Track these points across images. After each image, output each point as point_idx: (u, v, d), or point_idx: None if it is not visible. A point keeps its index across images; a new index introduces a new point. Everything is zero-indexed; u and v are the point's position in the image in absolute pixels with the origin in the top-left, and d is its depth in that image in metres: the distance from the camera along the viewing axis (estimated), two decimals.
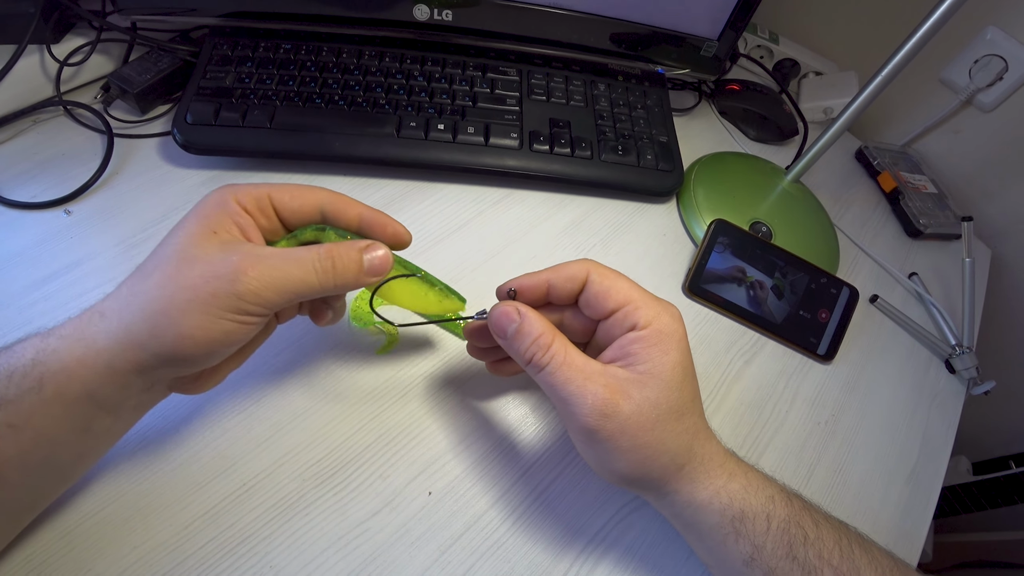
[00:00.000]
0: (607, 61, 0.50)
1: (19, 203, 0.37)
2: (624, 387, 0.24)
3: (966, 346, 0.46)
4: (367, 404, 0.33)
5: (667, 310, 0.26)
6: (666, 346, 0.25)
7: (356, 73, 0.44)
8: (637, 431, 0.24)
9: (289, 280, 0.23)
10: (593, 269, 0.27)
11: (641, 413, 0.24)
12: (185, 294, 0.21)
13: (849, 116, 0.44)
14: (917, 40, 0.39)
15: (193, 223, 0.23)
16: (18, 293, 0.33)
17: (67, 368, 0.21)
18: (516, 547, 0.30)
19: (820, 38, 0.66)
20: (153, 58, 0.44)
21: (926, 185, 0.60)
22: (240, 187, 0.25)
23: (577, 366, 0.25)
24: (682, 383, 0.25)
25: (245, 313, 0.22)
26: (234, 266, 0.22)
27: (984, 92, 0.58)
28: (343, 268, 0.24)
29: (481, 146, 0.43)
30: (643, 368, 0.25)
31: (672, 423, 0.25)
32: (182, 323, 0.21)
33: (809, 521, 0.26)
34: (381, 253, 0.25)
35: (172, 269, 0.22)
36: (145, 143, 0.42)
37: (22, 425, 0.21)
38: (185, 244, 0.23)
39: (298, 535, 0.28)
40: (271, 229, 0.26)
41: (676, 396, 0.25)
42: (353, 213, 0.27)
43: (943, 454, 0.42)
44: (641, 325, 0.26)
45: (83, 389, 0.22)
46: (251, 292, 0.22)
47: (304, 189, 0.26)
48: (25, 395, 0.21)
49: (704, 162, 0.51)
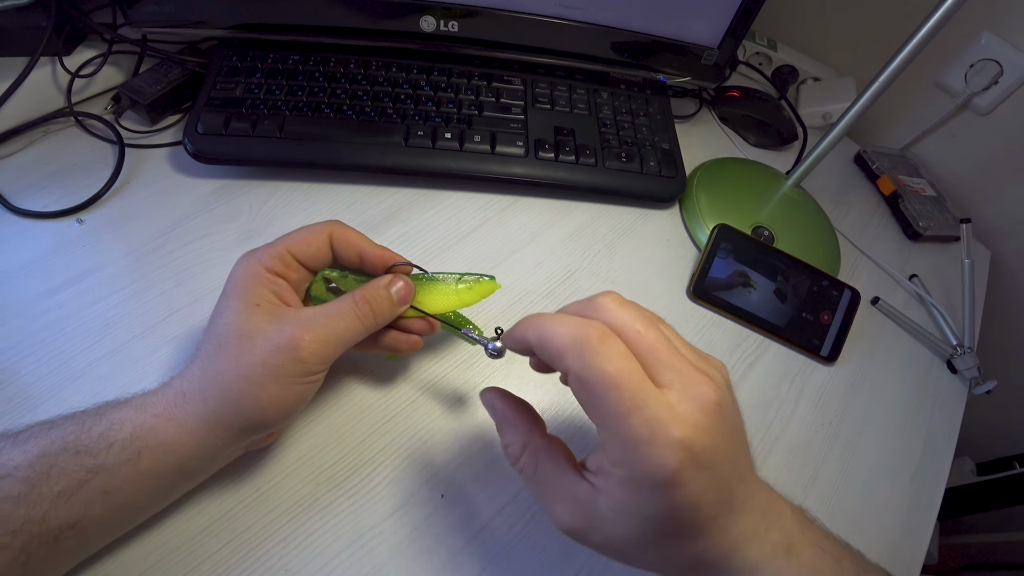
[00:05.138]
0: (610, 70, 0.51)
1: (32, 212, 0.37)
2: (591, 519, 0.21)
3: (967, 346, 0.47)
4: (380, 408, 0.33)
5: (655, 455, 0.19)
6: (641, 498, 0.19)
7: (364, 83, 0.45)
8: (610, 555, 0.22)
9: (339, 333, 0.26)
10: (572, 367, 0.20)
11: (611, 545, 0.22)
12: (257, 370, 0.24)
13: (848, 121, 0.45)
14: (914, 45, 0.40)
15: (236, 300, 0.26)
16: (31, 302, 0.34)
17: (163, 445, 0.24)
18: (529, 549, 0.30)
19: (817, 44, 0.67)
20: (163, 69, 0.45)
21: (925, 188, 0.60)
22: (261, 253, 0.27)
23: (547, 483, 0.22)
24: (662, 532, 0.20)
25: (311, 374, 0.25)
26: (290, 336, 0.24)
27: (980, 96, 0.58)
28: (380, 308, 0.27)
29: (487, 154, 0.44)
30: (613, 506, 0.20)
31: (653, 552, 0.21)
32: (262, 397, 0.24)
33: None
34: (401, 284, 0.29)
35: (236, 349, 0.24)
36: (155, 153, 0.43)
37: (115, 492, 0.23)
38: (238, 322, 0.25)
39: (313, 538, 0.28)
40: (300, 279, 0.29)
41: (654, 537, 0.21)
42: (355, 251, 0.29)
43: (947, 454, 0.42)
44: (609, 463, 0.20)
45: (176, 463, 0.24)
46: (312, 355, 0.25)
47: (313, 231, 0.29)
48: (123, 465, 0.23)
49: (706, 168, 0.52)
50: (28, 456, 0.22)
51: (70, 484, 0.22)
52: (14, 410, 0.30)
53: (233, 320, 0.25)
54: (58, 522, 0.22)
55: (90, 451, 0.23)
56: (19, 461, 0.22)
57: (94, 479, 0.22)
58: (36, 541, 0.21)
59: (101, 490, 0.22)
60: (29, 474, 0.21)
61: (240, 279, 0.27)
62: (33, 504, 0.21)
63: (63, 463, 0.22)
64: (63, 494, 0.22)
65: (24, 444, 0.22)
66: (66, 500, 0.22)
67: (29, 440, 0.23)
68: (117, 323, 0.34)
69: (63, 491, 0.22)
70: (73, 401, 0.30)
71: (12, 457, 0.22)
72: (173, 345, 0.33)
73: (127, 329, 0.34)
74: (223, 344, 0.25)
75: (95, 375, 0.32)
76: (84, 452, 0.23)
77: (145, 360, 0.33)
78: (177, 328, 0.34)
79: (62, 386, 0.31)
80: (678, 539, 0.21)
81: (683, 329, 0.42)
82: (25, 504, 0.21)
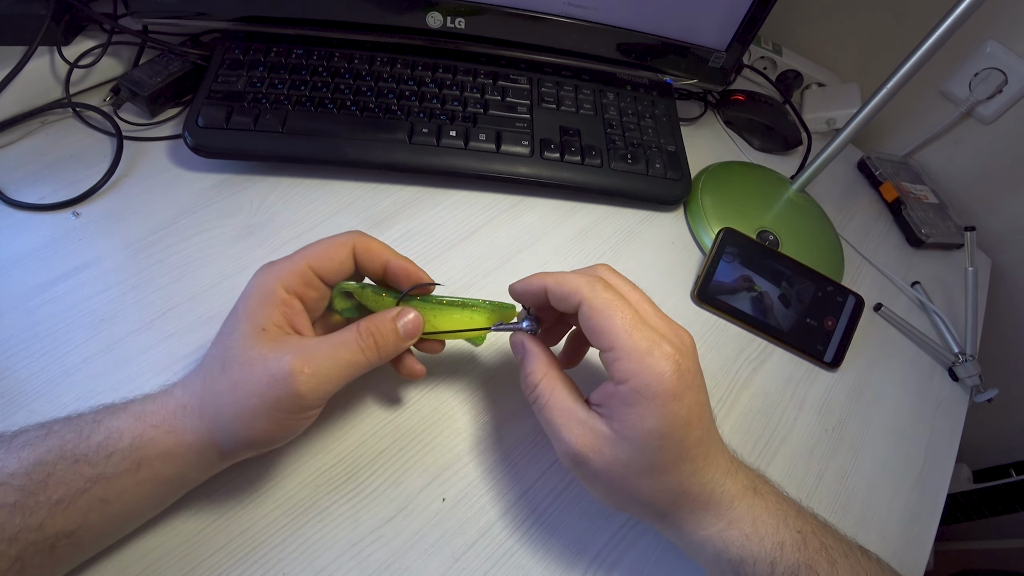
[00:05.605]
0: (616, 70, 0.51)
1: (27, 204, 0.37)
2: (596, 443, 0.24)
3: (969, 354, 0.47)
4: (380, 410, 0.33)
5: (655, 364, 0.23)
6: (643, 409, 0.23)
7: (368, 79, 0.44)
8: (608, 482, 0.25)
9: (340, 367, 0.25)
10: (586, 298, 0.25)
11: (611, 470, 0.24)
12: (253, 401, 0.24)
13: (854, 128, 0.45)
14: (922, 54, 0.40)
15: (245, 322, 0.25)
16: (25, 295, 0.33)
17: (162, 456, 0.24)
18: (530, 554, 0.30)
19: (822, 50, 0.67)
20: (163, 61, 0.44)
21: (927, 195, 0.60)
22: (282, 269, 0.26)
23: (559, 409, 0.26)
24: (659, 447, 0.23)
25: (306, 409, 0.25)
26: (289, 366, 0.24)
27: (984, 104, 0.58)
28: (384, 342, 0.26)
29: (493, 153, 0.43)
30: (617, 427, 0.24)
31: (646, 480, 0.24)
32: (254, 427, 0.24)
33: (825, 564, 0.25)
34: (411, 316, 0.27)
35: (237, 375, 0.24)
36: (154, 146, 0.42)
37: (113, 500, 0.23)
38: (242, 347, 0.25)
39: (311, 541, 0.28)
40: (318, 297, 0.28)
41: (651, 458, 0.24)
42: (380, 261, 0.28)
43: (948, 461, 0.42)
44: (618, 380, 0.24)
45: (175, 473, 0.24)
46: (310, 390, 0.24)
47: (335, 243, 0.28)
48: (122, 475, 0.23)
49: (711, 171, 0.52)
50: (24, 464, 0.22)
51: (68, 493, 0.22)
52: (6, 406, 0.29)
53: (239, 344, 0.25)
54: (55, 530, 0.21)
55: (89, 460, 0.22)
56: (14, 468, 0.21)
57: (93, 488, 0.22)
58: (32, 549, 0.21)
59: (100, 499, 0.22)
60: (25, 482, 0.21)
61: (252, 297, 0.26)
62: (30, 512, 0.21)
63: (61, 471, 0.22)
64: (61, 502, 0.21)
65: (19, 451, 0.22)
66: (64, 508, 0.22)
67: (24, 447, 0.22)
68: (113, 319, 0.33)
69: (61, 499, 0.21)
70: (67, 398, 0.30)
71: (7, 464, 0.21)
72: (170, 342, 0.33)
73: (123, 325, 0.33)
74: (226, 367, 0.25)
75: (90, 371, 0.31)
76: (83, 461, 0.22)
77: (141, 357, 0.32)
78: (174, 325, 0.33)
79: (56, 382, 0.30)
80: (670, 460, 0.24)
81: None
82: (21, 512, 0.21)
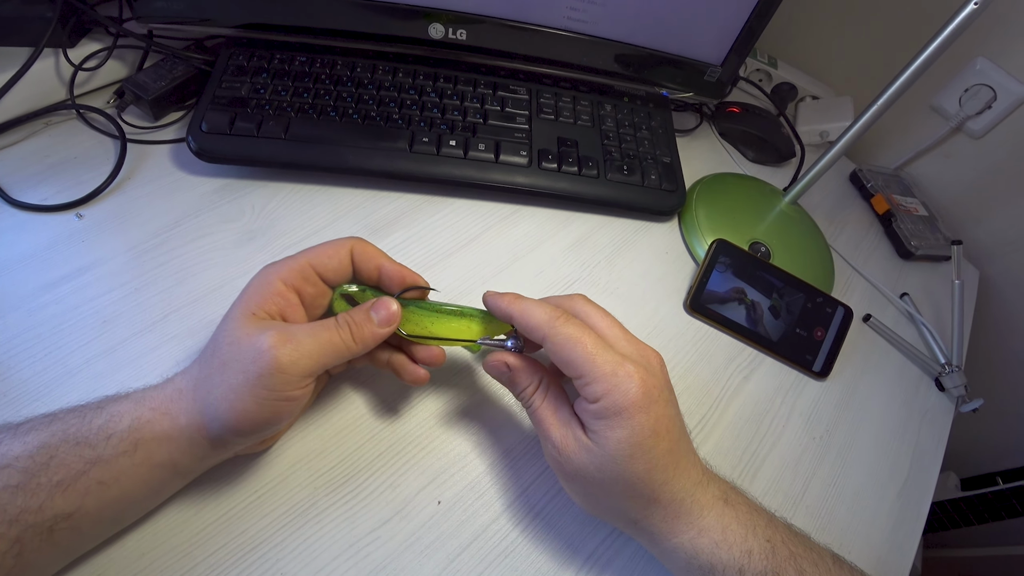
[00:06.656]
0: (614, 83, 0.52)
1: (30, 205, 0.37)
2: (574, 449, 0.26)
3: (955, 365, 0.47)
4: (379, 414, 0.33)
5: (619, 383, 0.25)
6: (612, 421, 0.25)
7: (370, 87, 0.45)
8: (585, 487, 0.27)
9: (319, 343, 0.26)
10: (548, 335, 0.26)
11: (587, 475, 0.26)
12: (238, 378, 0.24)
13: (846, 141, 0.46)
14: (914, 70, 0.41)
15: (237, 308, 0.26)
16: (28, 296, 0.33)
17: (157, 438, 0.24)
18: (524, 555, 0.31)
19: (817, 63, 0.68)
20: (168, 65, 0.44)
21: (917, 208, 0.62)
22: (282, 266, 0.28)
23: (551, 410, 0.28)
24: (631, 457, 0.25)
25: (288, 387, 0.25)
26: (270, 340, 0.24)
27: (974, 119, 0.60)
28: (357, 328, 0.27)
29: (491, 163, 0.44)
30: (592, 436, 0.26)
31: (619, 487, 0.26)
32: (237, 407, 0.24)
33: (792, 572, 0.26)
34: (384, 306, 0.28)
35: (226, 355, 0.25)
36: (157, 149, 0.43)
37: (111, 483, 0.23)
38: (231, 329, 0.26)
39: (309, 542, 0.28)
40: (316, 293, 0.29)
41: (622, 467, 0.25)
42: (374, 264, 0.30)
43: (933, 469, 0.43)
44: (590, 400, 0.25)
45: (169, 457, 0.25)
46: (290, 362, 0.24)
47: (335, 245, 0.29)
48: (120, 457, 0.23)
49: (705, 182, 0.53)
50: (28, 447, 0.22)
51: (68, 474, 0.22)
52: (9, 406, 0.29)
53: (229, 327, 0.26)
54: (54, 512, 0.22)
55: (89, 442, 0.23)
56: (19, 452, 0.22)
57: (92, 470, 0.23)
58: (31, 531, 0.21)
59: (98, 481, 0.23)
60: (28, 464, 0.22)
61: (249, 288, 0.27)
62: (31, 493, 0.21)
63: (63, 454, 0.22)
64: (61, 484, 0.22)
65: (25, 436, 0.23)
66: (63, 490, 0.22)
67: (30, 432, 0.23)
68: (115, 320, 0.33)
69: (61, 481, 0.22)
70: (69, 399, 0.30)
71: (12, 448, 0.22)
72: (171, 344, 0.33)
73: (125, 327, 0.33)
74: (216, 349, 0.26)
75: (92, 372, 0.31)
76: (84, 443, 0.23)
77: (143, 359, 0.32)
78: (176, 327, 0.34)
79: (58, 383, 0.31)
80: (641, 470, 0.25)
81: (679, 341, 0.43)
82: (23, 493, 0.21)
